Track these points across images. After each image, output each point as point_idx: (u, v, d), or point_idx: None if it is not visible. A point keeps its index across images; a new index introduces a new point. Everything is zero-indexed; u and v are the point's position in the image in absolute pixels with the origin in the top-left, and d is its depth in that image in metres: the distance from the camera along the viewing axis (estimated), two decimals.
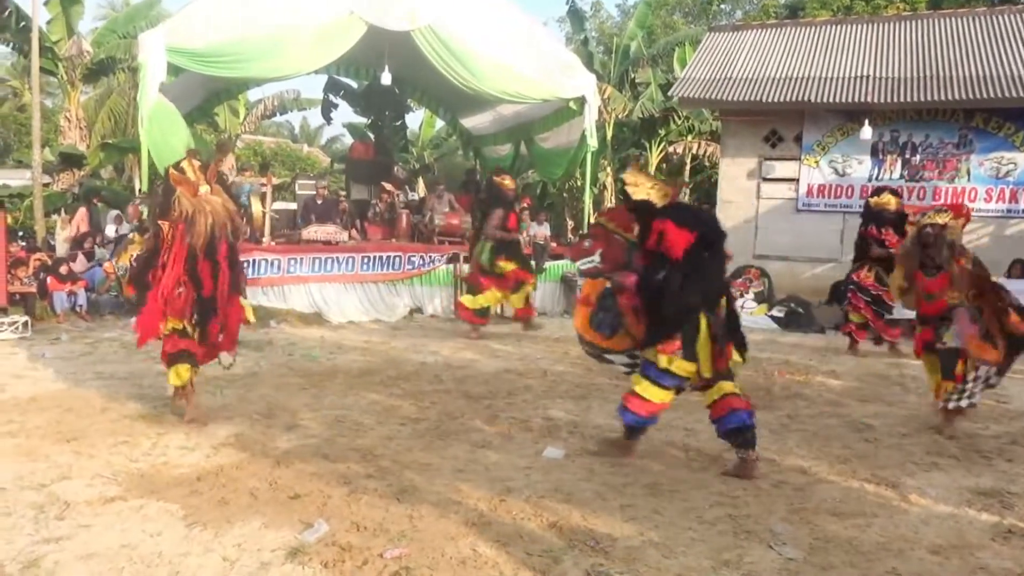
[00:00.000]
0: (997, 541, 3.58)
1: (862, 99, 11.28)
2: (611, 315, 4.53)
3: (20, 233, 15.23)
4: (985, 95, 10.71)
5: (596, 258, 4.88)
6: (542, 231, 12.78)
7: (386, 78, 11.48)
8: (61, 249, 11.55)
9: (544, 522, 3.65)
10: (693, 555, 3.34)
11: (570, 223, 18.87)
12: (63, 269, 9.65)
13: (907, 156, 11.54)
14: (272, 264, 10.17)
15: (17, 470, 4.16)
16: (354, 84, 16.23)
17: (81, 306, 9.60)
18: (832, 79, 11.88)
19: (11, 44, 16.56)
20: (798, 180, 12.04)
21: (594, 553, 3.31)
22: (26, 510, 3.61)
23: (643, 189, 4.33)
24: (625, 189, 4.41)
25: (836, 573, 3.23)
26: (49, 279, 9.53)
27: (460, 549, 3.32)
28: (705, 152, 18.75)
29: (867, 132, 11.34)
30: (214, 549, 3.27)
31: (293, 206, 13.34)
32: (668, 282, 4.20)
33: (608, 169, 19.34)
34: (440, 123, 21.17)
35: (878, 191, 8.73)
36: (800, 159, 12.06)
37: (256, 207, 11.03)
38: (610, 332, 4.57)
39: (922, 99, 11.06)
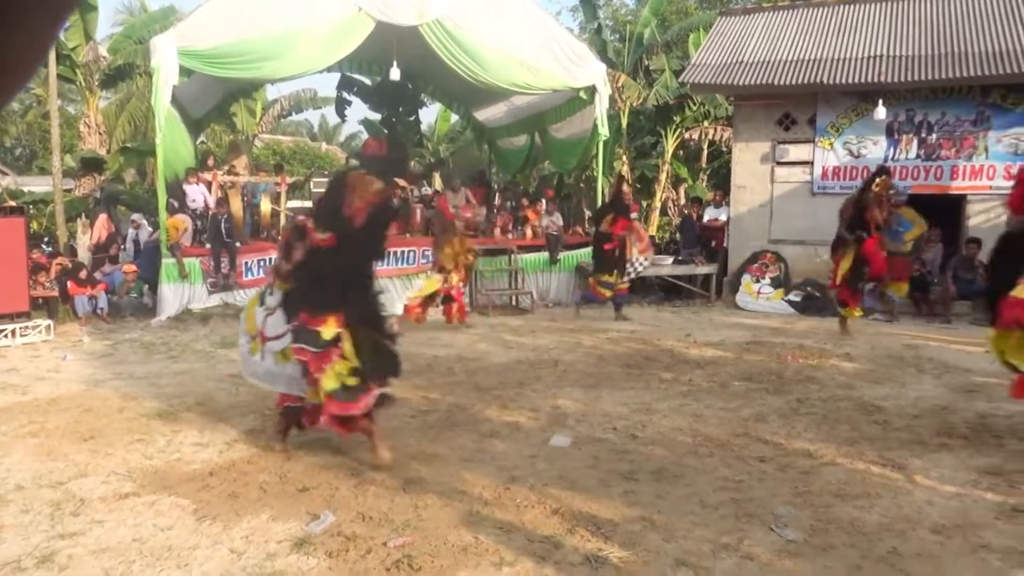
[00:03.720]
0: (1001, 520, 3.56)
1: (876, 79, 11.11)
2: None
3: (45, 239, 15.54)
4: (1002, 71, 10.49)
5: None
6: (555, 221, 12.78)
7: (395, 74, 11.52)
8: (83, 254, 11.77)
9: (547, 509, 3.69)
10: (693, 539, 3.37)
11: (587, 213, 18.83)
12: (82, 274, 9.84)
13: (923, 135, 11.34)
14: None
15: (36, 469, 4.29)
16: (367, 81, 16.31)
17: (102, 309, 9.79)
18: (845, 60, 11.72)
19: None
20: (812, 163, 11.91)
21: (594, 538, 3.35)
22: (43, 507, 3.73)
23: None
24: None
25: (836, 554, 3.24)
26: (70, 283, 9.72)
27: (462, 537, 3.38)
28: (722, 137, 18.59)
29: (881, 112, 11.18)
30: (222, 542, 3.35)
31: (309, 204, 13.48)
32: None
33: (624, 158, 19.27)
34: (455, 117, 21.22)
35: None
36: (814, 142, 11.91)
37: (265, 205, 11.17)
38: None
39: (937, 77, 10.86)
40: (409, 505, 3.73)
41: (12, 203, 14.60)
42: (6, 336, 8.24)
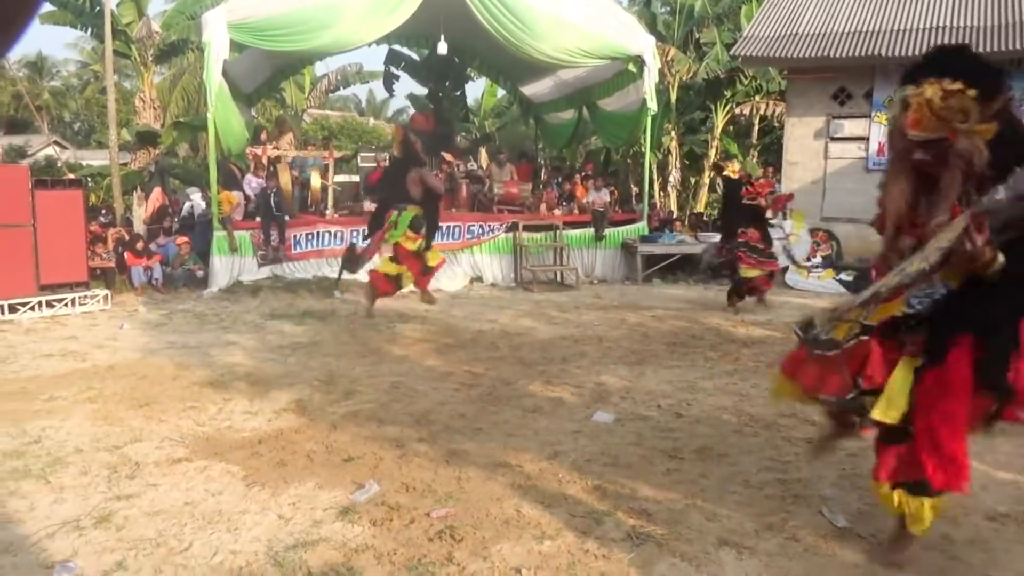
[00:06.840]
0: None
1: None
2: None
3: (103, 211, 15.97)
4: None
5: None
6: (601, 197, 12.67)
7: (442, 47, 11.48)
8: (139, 226, 12.06)
9: (589, 485, 3.69)
10: (736, 518, 3.34)
11: (634, 189, 18.65)
12: (139, 245, 10.09)
13: None
14: (335, 236, 10.43)
15: (94, 433, 4.44)
16: (415, 55, 16.31)
17: (157, 280, 10.04)
18: (905, 31, 11.33)
19: (87, 28, 17.20)
20: (868, 138, 11.58)
21: (636, 515, 3.34)
22: (100, 470, 3.86)
23: None
24: None
25: (884, 538, 3.17)
26: (126, 254, 9.99)
27: (504, 510, 3.40)
28: (774, 112, 18.17)
29: None
30: (270, 508, 3.43)
31: (356, 179, 13.58)
32: None
33: (673, 133, 18.99)
34: (502, 92, 21.12)
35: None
36: (870, 116, 11.58)
37: (315, 180, 11.27)
38: None
39: (1003, 48, 10.43)
40: (452, 477, 3.77)
41: (71, 176, 15.05)
42: (66, 305, 8.51)
